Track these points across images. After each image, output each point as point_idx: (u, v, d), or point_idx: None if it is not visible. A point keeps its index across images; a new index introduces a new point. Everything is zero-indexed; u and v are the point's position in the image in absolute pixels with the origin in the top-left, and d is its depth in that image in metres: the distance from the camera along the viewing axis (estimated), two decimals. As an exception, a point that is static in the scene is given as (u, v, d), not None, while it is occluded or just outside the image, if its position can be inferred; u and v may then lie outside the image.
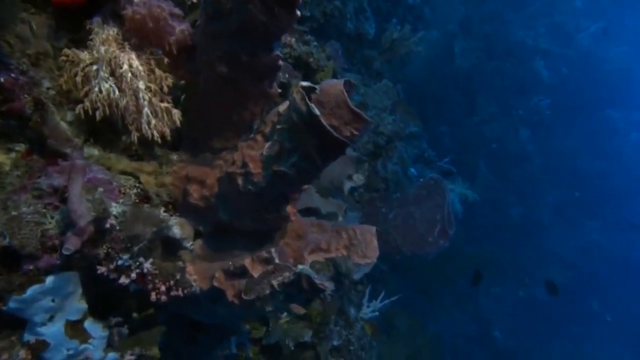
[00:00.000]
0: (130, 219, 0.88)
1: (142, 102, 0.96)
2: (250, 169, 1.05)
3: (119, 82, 0.92)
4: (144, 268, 0.91)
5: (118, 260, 0.87)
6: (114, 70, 0.91)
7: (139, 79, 0.95)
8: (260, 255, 1.12)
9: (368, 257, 1.20)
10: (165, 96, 1.09)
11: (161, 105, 1.06)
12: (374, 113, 2.95)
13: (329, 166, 1.98)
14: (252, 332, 2.38)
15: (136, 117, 0.99)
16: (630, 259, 9.31)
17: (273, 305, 1.08)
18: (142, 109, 0.98)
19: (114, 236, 0.85)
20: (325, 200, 2.11)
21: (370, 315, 2.75)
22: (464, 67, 6.65)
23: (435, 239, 2.60)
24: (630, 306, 9.25)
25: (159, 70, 1.03)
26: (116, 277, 0.89)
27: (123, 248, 0.87)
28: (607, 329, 9.08)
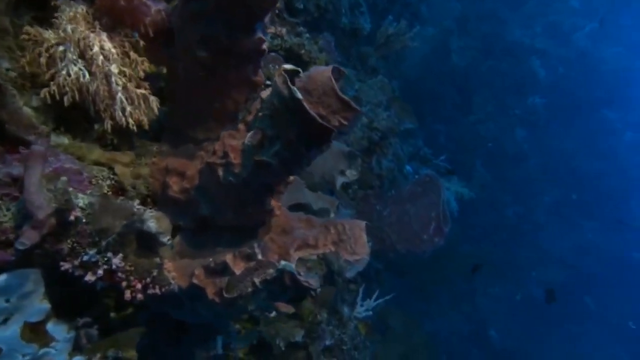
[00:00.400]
0: (99, 211, 0.82)
1: (115, 88, 0.90)
2: (230, 159, 0.99)
3: (89, 65, 0.86)
4: (112, 264, 0.85)
5: (84, 256, 0.80)
6: (84, 52, 0.85)
7: (111, 62, 0.89)
8: (243, 251, 1.06)
9: (357, 254, 1.14)
10: (143, 82, 1.02)
11: (137, 91, 0.99)
12: (368, 108, 2.89)
13: (320, 161, 1.92)
14: (242, 332, 2.32)
15: (109, 104, 0.93)
16: (626, 258, 9.33)
17: (256, 304, 1.02)
18: (115, 95, 0.91)
19: (80, 230, 0.79)
20: (316, 196, 2.05)
21: (364, 314, 2.70)
22: (461, 65, 6.61)
23: (430, 236, 2.55)
24: (626, 306, 9.27)
25: (134, 54, 0.96)
26: (82, 274, 0.82)
27: (90, 242, 0.81)
28: (602, 329, 9.09)
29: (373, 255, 3.08)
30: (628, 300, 9.25)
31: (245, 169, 0.97)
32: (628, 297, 9.22)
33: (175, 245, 1.20)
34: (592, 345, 8.92)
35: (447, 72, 6.29)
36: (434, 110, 6.51)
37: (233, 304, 1.06)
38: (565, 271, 8.31)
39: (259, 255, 1.03)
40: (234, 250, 1.07)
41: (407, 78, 5.46)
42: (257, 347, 2.29)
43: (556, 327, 8.40)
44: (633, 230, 9.43)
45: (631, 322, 7.19)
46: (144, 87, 1.02)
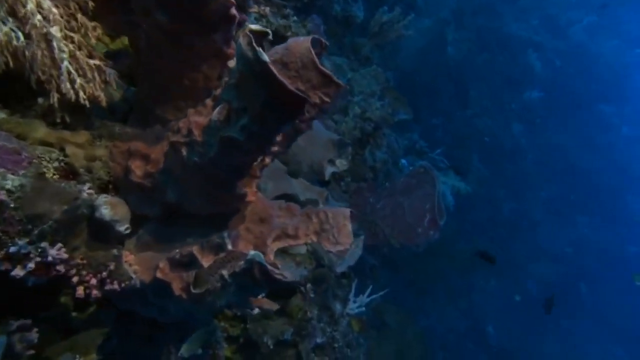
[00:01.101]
0: (32, 194, 0.70)
1: (59, 55, 0.78)
2: (195, 137, 0.87)
3: (22, 25, 0.74)
4: (48, 255, 0.73)
5: (11, 247, 0.68)
6: (15, 9, 0.73)
7: (52, 23, 0.76)
8: (211, 241, 0.94)
9: (340, 244, 1.03)
10: (97, 52, 0.90)
11: (89, 62, 0.87)
12: (361, 98, 2.78)
13: (308, 150, 1.79)
14: (229, 330, 2.21)
15: (55, 75, 0.81)
16: (621, 252, 9.30)
17: (226, 300, 0.91)
18: (60, 63, 0.79)
19: (7, 216, 0.67)
20: (304, 187, 1.93)
21: (357, 310, 2.59)
22: (457, 58, 6.49)
23: (424, 229, 2.44)
24: (620, 301, 9.26)
25: (82, 18, 0.84)
26: (9, 268, 0.71)
27: (19, 231, 0.69)
28: (598, 323, 9.08)
29: (367, 250, 2.97)
30: (623, 295, 9.23)
31: (211, 147, 0.85)
32: (623, 292, 9.21)
33: (140, 236, 1.08)
34: (587, 340, 8.90)
35: (443, 65, 6.17)
36: (430, 104, 6.40)
37: (202, 301, 0.94)
38: (561, 267, 8.27)
39: (229, 245, 0.91)
40: (203, 241, 0.95)
41: (403, 70, 5.34)
42: (245, 346, 2.18)
43: (552, 323, 8.37)
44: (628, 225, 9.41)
45: (517, 295, 6.81)
46: (98, 58, 0.89)
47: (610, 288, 9.06)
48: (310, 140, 1.96)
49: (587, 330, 8.84)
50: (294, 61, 0.98)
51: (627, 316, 9.31)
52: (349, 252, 2.11)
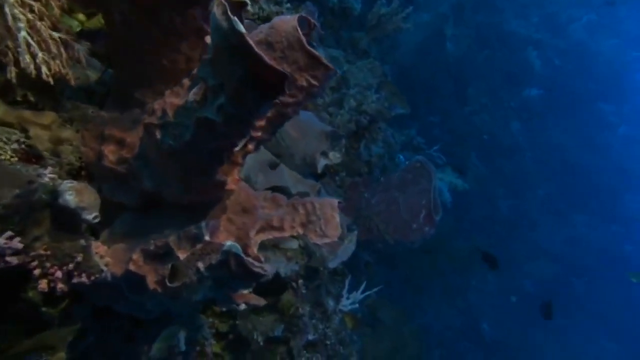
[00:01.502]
0: (-20, 175, 0.63)
1: (13, 23, 0.70)
2: (169, 119, 0.80)
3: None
4: (-4, 243, 0.66)
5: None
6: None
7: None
8: (188, 232, 0.88)
9: (327, 236, 0.96)
10: (63, 26, 0.83)
11: (53, 34, 0.79)
12: (357, 91, 2.70)
13: (301, 142, 1.72)
14: (218, 326, 2.15)
15: (11, 46, 0.73)
16: (618, 251, 9.31)
17: (202, 295, 0.84)
18: (16, 33, 0.72)
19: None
20: (296, 179, 1.86)
21: (350, 307, 2.54)
22: (456, 55, 6.42)
23: (420, 225, 2.38)
24: (616, 299, 9.28)
25: (45, -14, 0.77)
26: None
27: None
28: (592, 321, 9.10)
29: (361, 246, 2.91)
30: (619, 293, 9.26)
31: (187, 130, 0.78)
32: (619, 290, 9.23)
33: (115, 227, 1.01)
34: (582, 337, 8.93)
35: (442, 62, 6.10)
36: (429, 101, 6.33)
37: (178, 295, 0.88)
38: (558, 265, 8.26)
39: (206, 236, 0.85)
40: (179, 231, 0.89)
41: (401, 66, 5.27)
42: (234, 342, 2.12)
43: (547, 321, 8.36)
44: (626, 224, 9.41)
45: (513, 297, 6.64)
46: (64, 31, 0.82)
47: (606, 286, 9.07)
48: (303, 131, 1.89)
49: (583, 328, 8.86)
50: (280, 41, 0.91)
51: (622, 313, 9.35)
52: (342, 248, 2.05)
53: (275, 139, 1.97)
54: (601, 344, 9.21)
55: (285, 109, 1.04)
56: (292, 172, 1.91)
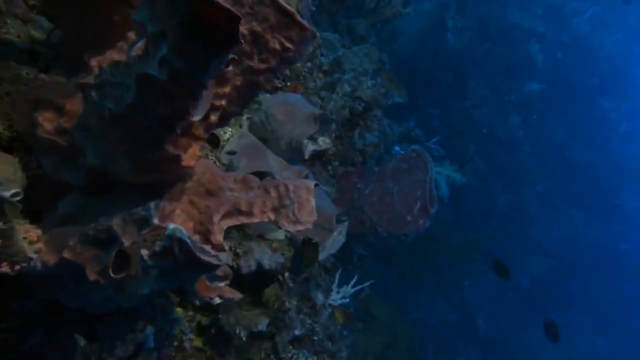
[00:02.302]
0: None
1: None
2: (106, 77, 0.66)
3: None
4: None
5: None
6: None
7: None
8: (136, 214, 0.74)
9: (300, 222, 0.83)
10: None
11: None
12: (351, 76, 2.55)
13: (288, 126, 1.58)
14: (201, 320, 2.03)
15: None
16: (614, 249, 9.23)
17: (149, 288, 0.71)
18: None
19: None
20: (281, 165, 1.73)
21: (340, 302, 2.42)
22: (457, 47, 6.24)
23: (414, 217, 2.25)
24: (608, 295, 9.25)
25: None
26: None
27: None
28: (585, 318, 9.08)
29: (354, 239, 2.79)
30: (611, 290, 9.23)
31: (127, 90, 0.64)
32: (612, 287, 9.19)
33: (58, 210, 0.87)
34: (575, 332, 8.91)
35: (442, 53, 5.92)
36: (428, 93, 6.17)
37: (124, 288, 0.75)
38: (554, 261, 8.18)
39: (155, 219, 0.71)
40: (125, 213, 0.75)
41: (400, 56, 5.10)
42: (215, 337, 2.00)
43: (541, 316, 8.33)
44: (622, 222, 9.32)
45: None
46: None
47: (600, 283, 9.02)
48: (290, 114, 1.75)
49: (576, 323, 8.84)
50: (247, -8, 0.77)
51: (613, 310, 9.34)
52: (331, 239, 1.93)
53: (261, 122, 1.83)
54: (593, 340, 9.20)
55: (256, 77, 0.90)
56: (278, 158, 1.78)
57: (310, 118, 1.71)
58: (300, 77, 2.07)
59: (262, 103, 1.83)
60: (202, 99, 0.68)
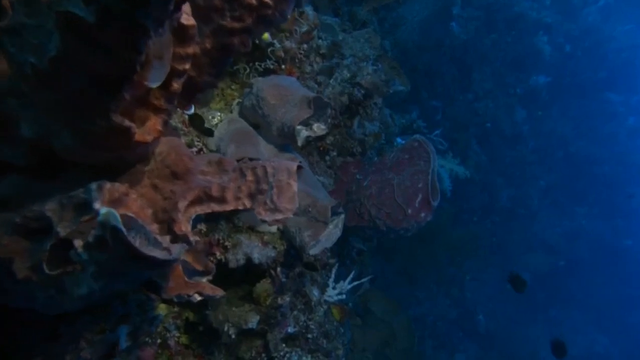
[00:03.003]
0: None
1: None
2: (21, 18, 0.51)
3: None
4: None
5: None
6: None
7: None
8: (74, 198, 0.60)
9: (280, 210, 0.69)
10: None
11: None
12: (351, 61, 2.39)
13: (280, 110, 1.43)
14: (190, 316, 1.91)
15: None
16: (617, 246, 9.07)
17: (87, 287, 0.58)
18: None
19: None
20: (271, 151, 1.59)
21: (337, 298, 2.29)
22: (462, 37, 6.03)
23: (415, 210, 2.11)
24: (609, 292, 9.14)
25: None
26: None
27: None
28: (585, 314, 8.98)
29: (352, 233, 2.65)
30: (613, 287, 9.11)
31: (51, 38, 0.50)
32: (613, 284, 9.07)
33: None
34: (575, 329, 8.82)
35: (446, 44, 5.72)
36: (431, 85, 5.99)
37: (63, 287, 0.61)
38: (556, 257, 8.04)
39: (97, 202, 0.58)
40: (63, 197, 0.61)
41: (403, 46, 4.91)
42: (203, 335, 1.89)
43: (541, 313, 8.25)
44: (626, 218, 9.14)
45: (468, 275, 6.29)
46: None
47: (601, 279, 8.90)
48: (282, 97, 1.60)
49: (576, 320, 8.75)
50: None
51: (614, 307, 9.25)
52: (326, 233, 1.79)
53: (252, 106, 1.68)
54: (592, 336, 9.12)
55: (229, 39, 0.75)
56: (270, 145, 1.63)
57: (304, 101, 1.56)
58: (296, 60, 1.92)
59: (253, 86, 1.68)
60: (153, 55, 0.53)
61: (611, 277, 9.14)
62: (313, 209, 1.74)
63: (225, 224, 1.76)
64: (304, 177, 1.85)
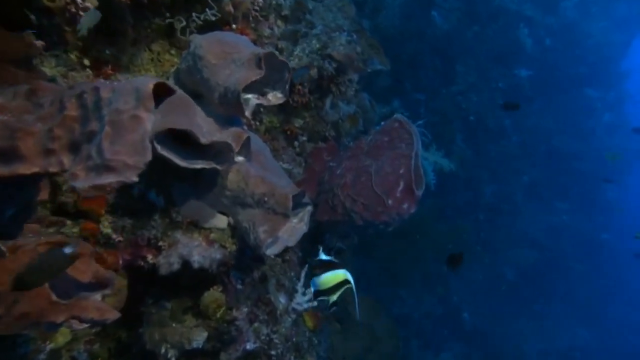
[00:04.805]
0: None
1: None
2: None
3: None
4: None
5: None
6: None
7: None
8: None
9: (110, 169, 0.34)
10: None
11: None
12: (322, 30, 2.05)
13: (221, 69, 1.10)
14: (121, 336, 1.53)
15: None
16: (596, 240, 9.14)
17: None
18: None
19: None
20: (213, 126, 1.22)
21: (307, 305, 1.95)
22: (444, 28, 5.81)
23: (397, 201, 1.79)
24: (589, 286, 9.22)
25: None
26: None
27: None
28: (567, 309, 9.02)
29: (325, 229, 2.31)
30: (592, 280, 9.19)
31: None
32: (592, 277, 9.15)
33: None
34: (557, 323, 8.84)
35: (429, 33, 5.48)
36: (414, 77, 5.74)
37: None
38: (538, 252, 7.98)
39: None
40: None
41: (384, 33, 4.62)
42: (140, 358, 1.50)
43: (525, 308, 8.20)
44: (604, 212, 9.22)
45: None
46: None
47: (581, 274, 8.95)
48: (225, 56, 1.24)
49: (558, 314, 8.76)
50: None
51: (592, 300, 9.36)
52: (287, 228, 1.44)
53: (188, 69, 1.31)
54: (573, 329, 9.18)
55: None
56: (211, 118, 1.27)
57: (252, 59, 1.20)
58: (250, 18, 1.56)
59: (191, 43, 1.32)
60: None
61: (590, 271, 9.21)
62: (270, 198, 1.38)
63: (159, 219, 1.39)
64: (260, 158, 1.50)
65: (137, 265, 1.35)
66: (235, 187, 1.40)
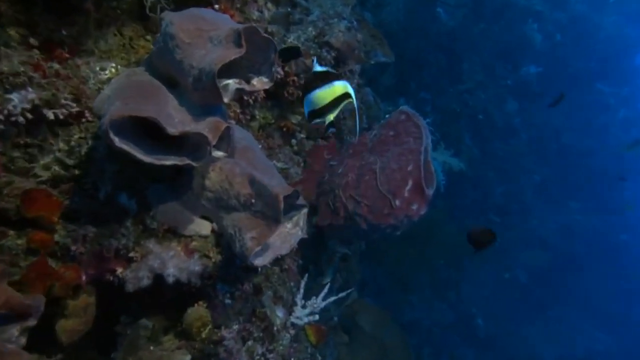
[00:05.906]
0: None
1: None
2: None
3: None
4: None
5: None
6: None
7: None
8: None
9: None
10: None
11: None
12: (318, 16, 1.85)
13: (196, 47, 0.89)
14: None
15: None
16: (613, 241, 8.69)
17: None
18: None
19: None
20: (185, 114, 1.02)
21: (307, 319, 1.72)
22: (449, 25, 5.57)
23: (404, 201, 1.56)
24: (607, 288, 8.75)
25: None
26: None
27: None
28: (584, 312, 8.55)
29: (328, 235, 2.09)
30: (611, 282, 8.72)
31: None
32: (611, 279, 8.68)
33: None
34: (574, 327, 8.38)
35: (434, 30, 5.24)
36: (419, 76, 5.51)
37: None
38: (552, 254, 7.60)
39: None
40: None
41: (388, 29, 4.40)
42: (112, 384, 1.29)
43: (540, 312, 7.80)
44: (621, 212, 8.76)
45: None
46: None
47: (599, 276, 8.50)
48: (201, 33, 1.04)
49: (574, 318, 8.31)
50: None
51: (612, 303, 8.86)
52: (278, 234, 1.23)
53: (160, 50, 1.12)
54: (592, 333, 8.69)
55: None
56: (184, 107, 1.07)
57: (231, 35, 1.00)
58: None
59: (162, 21, 1.12)
60: None
61: (609, 273, 8.74)
62: (258, 200, 1.17)
63: (132, 226, 1.19)
64: (248, 155, 1.29)
65: (106, 280, 1.15)
66: (217, 187, 1.20)
